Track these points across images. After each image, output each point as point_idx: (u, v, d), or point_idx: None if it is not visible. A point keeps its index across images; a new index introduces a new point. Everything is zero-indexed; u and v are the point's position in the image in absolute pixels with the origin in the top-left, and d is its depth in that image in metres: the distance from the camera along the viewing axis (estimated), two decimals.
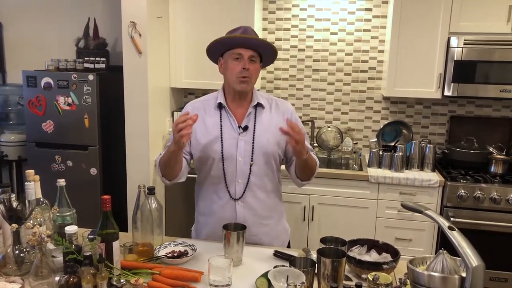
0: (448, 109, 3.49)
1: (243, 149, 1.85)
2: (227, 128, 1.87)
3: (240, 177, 1.86)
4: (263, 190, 1.90)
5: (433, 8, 3.07)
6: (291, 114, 1.94)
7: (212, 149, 1.85)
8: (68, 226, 1.53)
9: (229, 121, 1.88)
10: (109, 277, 1.46)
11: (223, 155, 1.85)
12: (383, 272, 1.40)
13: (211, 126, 1.88)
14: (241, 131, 1.86)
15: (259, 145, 1.86)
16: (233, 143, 1.85)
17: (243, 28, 1.83)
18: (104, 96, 3.35)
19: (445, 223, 1.23)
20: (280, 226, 2.02)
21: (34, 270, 1.46)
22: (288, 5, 3.55)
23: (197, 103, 1.96)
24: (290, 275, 1.39)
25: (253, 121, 1.88)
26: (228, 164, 1.86)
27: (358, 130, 3.64)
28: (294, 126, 1.63)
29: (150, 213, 1.73)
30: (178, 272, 1.55)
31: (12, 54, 4.03)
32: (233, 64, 1.80)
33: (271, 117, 1.91)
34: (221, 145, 1.85)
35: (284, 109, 1.95)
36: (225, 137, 1.85)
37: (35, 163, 3.50)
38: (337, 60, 3.57)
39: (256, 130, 1.87)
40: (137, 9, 3.04)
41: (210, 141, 1.86)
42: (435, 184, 2.97)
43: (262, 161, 1.87)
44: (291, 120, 1.71)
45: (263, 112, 1.91)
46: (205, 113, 1.90)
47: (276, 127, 1.84)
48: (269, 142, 1.87)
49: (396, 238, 3.10)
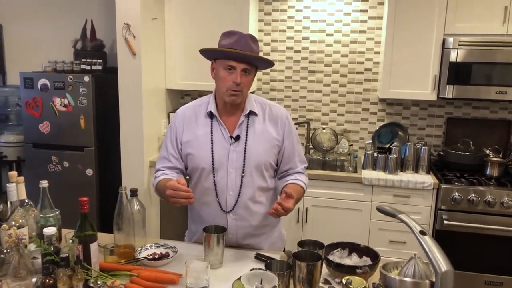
0: (445, 110, 3.46)
1: (234, 160, 1.78)
2: (218, 138, 1.80)
3: (231, 189, 1.80)
4: (255, 201, 1.84)
5: (428, 9, 3.05)
6: (286, 121, 1.87)
7: (203, 160, 1.79)
8: (47, 227, 1.54)
9: (221, 130, 1.80)
10: (86, 279, 1.47)
11: (213, 166, 1.79)
12: (358, 276, 1.39)
13: (202, 135, 1.81)
14: (233, 141, 1.79)
15: (251, 156, 1.79)
16: (224, 154, 1.78)
17: (239, 36, 1.70)
18: (100, 97, 3.38)
19: (417, 227, 1.21)
20: (275, 233, 1.97)
21: (12, 271, 1.47)
22: (284, 6, 3.55)
23: (187, 111, 1.88)
24: (264, 278, 1.38)
25: (245, 130, 1.81)
26: (219, 175, 1.79)
27: (354, 132, 3.62)
28: (284, 207, 1.60)
29: (131, 215, 1.74)
30: (156, 275, 1.55)
31: (12, 55, 4.07)
32: (225, 75, 1.72)
33: (265, 125, 1.84)
34: (212, 156, 1.78)
35: (278, 115, 1.86)
36: (216, 147, 1.79)
37: (32, 164, 3.54)
38: (333, 62, 3.55)
39: (248, 140, 1.80)
40: (131, 11, 3.06)
41: (200, 151, 1.80)
42: (429, 187, 2.95)
43: (255, 172, 1.80)
44: (281, 203, 1.62)
45: (256, 120, 1.83)
46: (196, 122, 1.84)
47: (270, 135, 1.83)
48: (261, 152, 1.81)
49: (390, 241, 3.08)
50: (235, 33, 1.72)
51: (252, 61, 1.72)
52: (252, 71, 1.75)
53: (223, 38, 1.75)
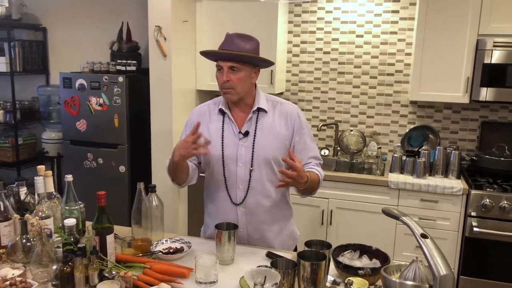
0: (479, 114, 3.35)
1: (243, 154, 1.86)
2: (229, 134, 1.88)
3: (241, 183, 1.87)
4: (265, 195, 1.89)
5: (461, 9, 2.96)
6: (296, 117, 1.91)
7: (214, 154, 1.87)
8: (67, 219, 1.63)
9: (231, 126, 1.89)
10: (101, 269, 1.55)
11: (223, 160, 1.87)
12: (360, 277, 1.39)
13: (214, 131, 1.90)
14: (242, 137, 1.87)
15: (259, 151, 1.85)
16: (233, 149, 1.87)
17: (227, 36, 1.81)
18: (133, 97, 3.51)
19: (419, 230, 1.20)
20: (286, 231, 2.00)
21: (36, 259, 1.58)
22: (313, 8, 3.55)
23: (203, 107, 1.99)
24: (268, 275, 1.41)
25: (254, 126, 1.88)
26: (228, 169, 1.88)
27: (384, 135, 3.57)
28: (292, 165, 1.66)
29: (149, 210, 1.81)
30: (167, 268, 1.61)
31: (55, 56, 4.29)
32: (217, 75, 1.83)
33: (273, 120, 1.89)
34: (222, 151, 1.87)
35: (288, 111, 1.91)
36: (226, 142, 1.87)
37: (70, 160, 3.72)
38: (362, 63, 3.52)
39: (257, 135, 1.87)
40: (162, 14, 3.16)
41: (212, 146, 1.85)
42: (458, 192, 2.86)
43: (263, 167, 1.86)
44: (292, 157, 1.71)
45: (265, 117, 1.89)
46: (209, 118, 1.94)
47: (278, 130, 1.87)
48: (270, 147, 1.86)
49: (416, 246, 3.00)
50: (226, 34, 1.83)
51: (238, 58, 1.78)
52: (244, 68, 1.79)
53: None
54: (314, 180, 1.83)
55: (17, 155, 4.01)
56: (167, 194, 3.42)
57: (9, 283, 1.47)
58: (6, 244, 1.69)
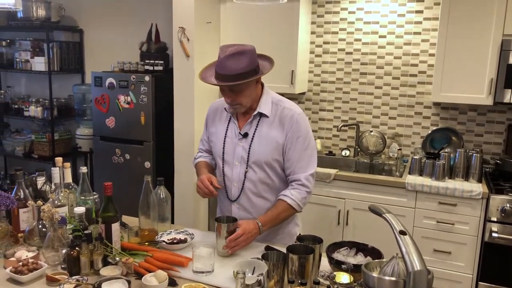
0: (506, 116, 3.24)
1: (240, 155, 1.93)
2: (230, 133, 1.97)
3: (236, 181, 1.96)
4: (258, 195, 1.95)
5: (485, 9, 2.90)
6: (293, 123, 1.88)
7: (218, 151, 2.01)
8: (77, 207, 1.75)
9: (234, 126, 1.97)
10: (105, 255, 1.66)
11: (223, 158, 1.98)
12: (344, 272, 1.42)
13: (220, 129, 2.01)
14: (241, 137, 1.94)
15: (254, 154, 1.91)
16: (232, 148, 1.95)
17: (219, 60, 1.76)
18: (159, 95, 3.64)
19: (397, 227, 1.22)
20: (282, 230, 2.00)
21: (48, 243, 1.70)
22: (336, 8, 3.56)
23: (217, 103, 2.09)
24: (257, 266, 1.46)
25: (254, 129, 1.93)
26: (227, 167, 1.98)
27: (406, 136, 3.52)
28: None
29: (155, 202, 1.90)
30: (167, 256, 1.69)
31: (90, 57, 4.51)
32: (221, 93, 1.89)
33: (272, 126, 1.91)
34: (223, 149, 1.98)
35: (287, 117, 1.89)
36: (227, 140, 1.97)
37: (99, 155, 3.91)
38: (385, 64, 3.49)
39: (254, 138, 1.92)
40: (186, 15, 3.28)
41: (217, 143, 2.01)
42: (478, 196, 2.80)
43: (257, 168, 1.92)
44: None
45: (265, 121, 1.92)
46: (220, 115, 2.04)
47: (273, 137, 1.90)
48: (264, 151, 1.90)
49: (434, 250, 2.96)
50: (219, 56, 1.77)
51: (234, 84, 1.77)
52: (244, 85, 1.79)
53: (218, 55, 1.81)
54: (276, 216, 1.87)
55: (53, 149, 4.25)
56: (188, 189, 3.53)
57: (21, 264, 1.60)
58: (24, 229, 1.83)
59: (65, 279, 1.51)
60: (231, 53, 1.75)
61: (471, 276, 2.90)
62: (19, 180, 1.85)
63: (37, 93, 4.58)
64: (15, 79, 4.81)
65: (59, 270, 1.65)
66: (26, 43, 4.36)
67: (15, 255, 1.67)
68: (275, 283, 1.48)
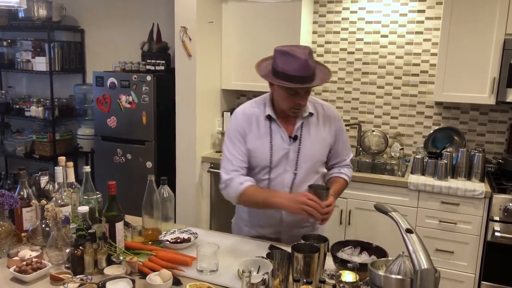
0: (509, 116, 3.24)
1: (291, 159, 1.87)
2: (277, 139, 1.87)
3: (286, 186, 1.88)
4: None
5: (487, 8, 2.89)
6: (338, 120, 1.96)
7: (263, 159, 1.88)
8: (80, 206, 1.75)
9: (279, 132, 1.88)
10: (109, 254, 1.65)
11: (271, 165, 1.88)
12: (349, 271, 1.41)
13: (262, 136, 1.88)
14: (291, 142, 1.87)
15: (306, 156, 1.88)
16: (282, 154, 1.87)
17: (300, 62, 1.68)
18: (161, 95, 3.64)
19: (403, 226, 1.22)
20: (316, 231, 1.98)
21: (52, 242, 1.70)
22: (338, 8, 3.56)
23: (248, 111, 1.93)
24: (262, 265, 1.46)
25: (302, 130, 1.88)
26: (276, 173, 1.89)
27: (408, 136, 3.52)
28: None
29: (159, 202, 1.90)
30: (171, 256, 1.69)
31: (91, 56, 4.51)
32: (287, 96, 1.77)
33: (319, 125, 1.91)
34: (271, 156, 1.87)
35: (331, 115, 1.94)
36: (275, 147, 1.87)
37: (101, 155, 3.90)
38: (387, 63, 3.49)
39: (305, 140, 1.88)
40: (188, 15, 3.27)
41: (261, 151, 1.87)
42: (480, 195, 2.79)
43: (308, 171, 1.90)
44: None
45: (311, 121, 1.90)
46: (257, 122, 1.90)
47: (323, 136, 1.91)
48: (316, 151, 1.90)
49: (436, 249, 2.96)
50: (295, 57, 1.69)
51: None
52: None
53: (280, 59, 1.73)
54: (341, 190, 1.97)
55: (54, 149, 4.24)
56: (190, 190, 3.53)
57: (25, 263, 1.60)
58: (27, 228, 1.82)
59: (69, 278, 1.51)
60: (309, 54, 1.71)
61: (474, 276, 2.89)
62: (23, 180, 1.84)
63: (38, 93, 4.58)
64: (16, 79, 4.80)
65: (63, 269, 1.64)
66: (27, 43, 4.36)
67: (18, 255, 1.67)
68: (280, 282, 1.47)
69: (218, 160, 3.47)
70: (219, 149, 3.66)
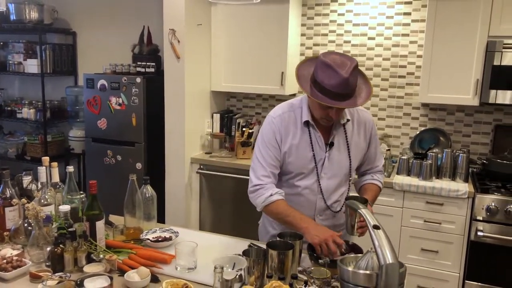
0: (493, 117, 3.28)
1: (327, 166, 1.86)
2: (315, 146, 1.84)
3: (321, 193, 1.88)
4: (337, 201, 1.92)
5: (471, 11, 2.94)
6: (372, 126, 1.94)
7: (300, 165, 1.85)
8: (62, 205, 1.77)
9: (317, 138, 1.84)
10: (89, 252, 1.68)
11: (307, 171, 1.86)
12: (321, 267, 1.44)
13: (301, 142, 1.85)
14: (328, 149, 1.85)
15: (340, 162, 1.86)
16: (318, 160, 1.85)
17: (341, 79, 1.60)
18: (150, 97, 3.66)
19: (371, 222, 1.25)
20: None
21: (33, 241, 1.72)
22: (326, 10, 3.59)
23: (286, 115, 1.87)
24: (237, 262, 1.48)
25: (340, 137, 1.86)
26: (311, 179, 1.87)
27: (395, 137, 3.55)
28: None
29: (140, 201, 1.92)
30: (151, 254, 1.72)
31: (83, 59, 4.54)
32: (320, 107, 1.73)
33: (354, 131, 1.89)
34: (307, 163, 1.84)
35: (366, 121, 1.92)
36: (312, 155, 1.85)
37: (91, 157, 3.92)
38: (374, 65, 3.53)
39: (340, 147, 1.86)
40: (176, 17, 3.31)
41: (298, 157, 1.84)
42: (463, 195, 2.83)
43: (343, 177, 1.90)
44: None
45: (348, 127, 1.87)
46: (295, 127, 1.86)
47: (359, 142, 1.90)
48: (352, 158, 1.89)
49: (421, 249, 2.99)
50: (335, 72, 1.62)
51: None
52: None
53: (321, 69, 1.66)
54: (375, 198, 1.99)
55: (45, 151, 4.26)
56: (179, 191, 3.56)
57: (5, 261, 1.62)
58: (10, 228, 1.85)
59: (48, 276, 1.53)
60: (353, 69, 1.64)
61: (458, 275, 2.92)
62: (6, 179, 1.87)
63: (30, 95, 4.60)
64: (8, 81, 4.83)
65: (44, 267, 1.67)
66: (19, 46, 4.39)
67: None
68: (255, 279, 1.50)
69: (208, 161, 3.51)
70: (208, 151, 3.69)
